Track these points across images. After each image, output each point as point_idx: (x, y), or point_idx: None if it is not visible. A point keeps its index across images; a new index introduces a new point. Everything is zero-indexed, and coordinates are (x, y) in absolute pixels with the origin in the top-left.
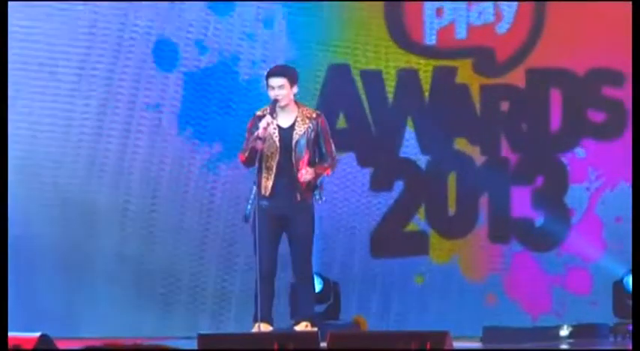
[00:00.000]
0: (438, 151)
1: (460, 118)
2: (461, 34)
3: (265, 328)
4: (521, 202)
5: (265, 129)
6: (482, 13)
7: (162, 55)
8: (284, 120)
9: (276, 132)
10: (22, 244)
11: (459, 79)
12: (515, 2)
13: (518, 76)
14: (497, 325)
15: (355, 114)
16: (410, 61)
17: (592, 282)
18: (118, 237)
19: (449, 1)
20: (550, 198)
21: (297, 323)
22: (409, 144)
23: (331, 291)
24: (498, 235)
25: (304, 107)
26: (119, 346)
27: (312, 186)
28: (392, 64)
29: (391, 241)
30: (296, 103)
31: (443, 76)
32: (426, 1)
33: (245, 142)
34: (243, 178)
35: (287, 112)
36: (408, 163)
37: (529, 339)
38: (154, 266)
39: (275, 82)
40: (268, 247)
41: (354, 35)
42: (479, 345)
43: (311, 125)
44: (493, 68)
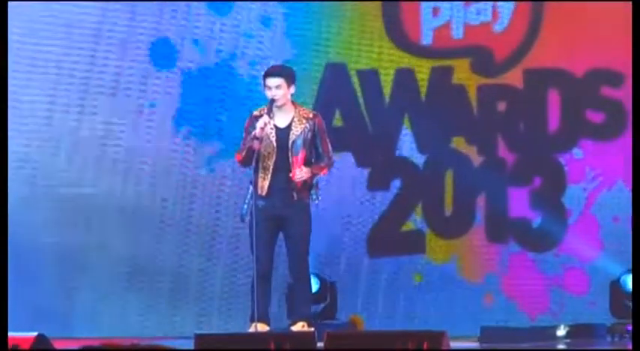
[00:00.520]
0: (435, 150)
1: (457, 118)
2: (458, 33)
3: (262, 328)
4: (518, 202)
5: (262, 129)
6: (479, 13)
7: (161, 54)
8: (281, 120)
9: (273, 132)
10: (19, 244)
11: (455, 79)
12: (512, 2)
13: (516, 76)
14: (494, 325)
15: (352, 113)
16: (407, 61)
17: (589, 282)
18: (114, 236)
19: (446, 0)
20: (548, 198)
21: (293, 323)
22: (406, 143)
23: (328, 291)
24: (496, 236)
25: (301, 107)
26: (116, 345)
27: (309, 186)
28: (389, 64)
29: (388, 240)
30: (293, 103)
31: (440, 76)
32: (423, 1)
33: (242, 142)
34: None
35: (284, 113)
36: (406, 162)
37: (526, 339)
38: (152, 266)
39: (272, 82)
40: (265, 246)
41: (351, 35)
42: (476, 345)
43: (308, 125)
44: (490, 68)
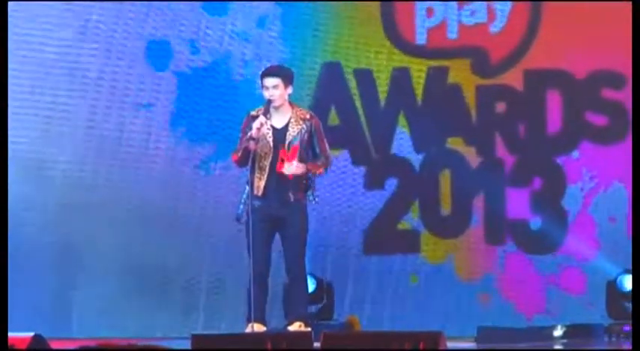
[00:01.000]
0: (431, 150)
1: (453, 118)
2: (452, 34)
3: (259, 328)
4: (517, 204)
5: (259, 129)
6: (473, 14)
7: (156, 54)
8: (278, 120)
9: (270, 132)
10: (16, 244)
11: (451, 79)
12: (509, 2)
13: (514, 77)
14: (491, 325)
15: (349, 112)
16: (404, 61)
17: (586, 282)
18: (111, 237)
19: (440, 0)
20: (547, 201)
21: (290, 323)
22: (402, 143)
23: (324, 291)
24: (494, 237)
25: (298, 108)
26: (113, 346)
27: (305, 186)
28: (387, 64)
29: (384, 239)
30: (290, 103)
31: (436, 76)
32: (418, 1)
33: (239, 142)
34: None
35: (281, 113)
36: (402, 161)
37: (523, 339)
38: (149, 266)
39: (269, 82)
40: (261, 247)
41: (348, 35)
42: (473, 345)
43: (304, 126)
44: (487, 68)
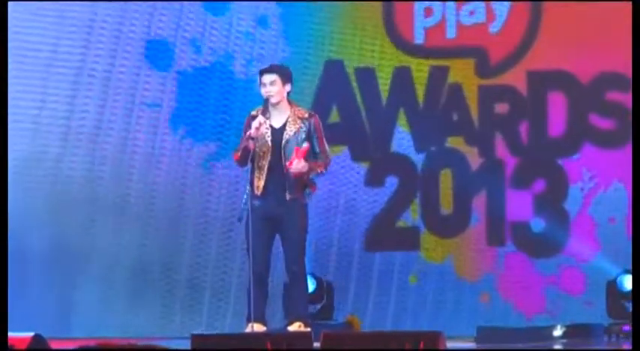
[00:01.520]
0: (431, 149)
1: (452, 118)
2: (451, 33)
3: (259, 328)
4: (518, 205)
5: (257, 129)
6: (472, 14)
7: (158, 54)
8: (276, 120)
9: (269, 132)
10: (15, 243)
11: (451, 79)
12: (508, 2)
13: (516, 78)
14: (491, 325)
15: (350, 110)
16: (404, 60)
17: (586, 282)
18: (113, 237)
19: (439, 0)
20: (548, 203)
21: (290, 323)
22: (402, 141)
23: (324, 291)
24: (494, 239)
25: (297, 107)
26: (113, 346)
27: (304, 185)
28: (387, 63)
29: (384, 237)
30: (289, 103)
31: (436, 76)
32: (417, 1)
33: (240, 141)
34: (238, 178)
35: (280, 112)
36: (402, 159)
37: (523, 339)
38: (151, 265)
39: (266, 78)
40: (261, 246)
41: (350, 34)
42: (473, 345)
43: (303, 125)
44: (486, 68)
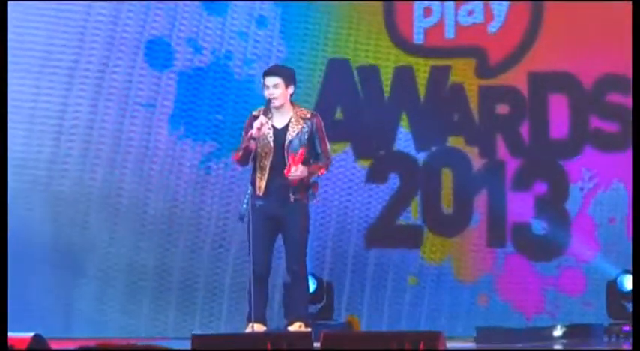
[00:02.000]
0: (433, 148)
1: (453, 118)
2: (450, 33)
3: (259, 328)
4: (519, 207)
5: (259, 129)
6: (470, 14)
7: (155, 54)
8: (279, 120)
9: (271, 132)
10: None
11: (452, 79)
12: (506, 2)
13: (516, 79)
14: (490, 325)
15: (353, 108)
16: (404, 60)
17: (585, 282)
18: (111, 237)
19: (438, 0)
20: (549, 205)
21: (290, 323)
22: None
23: (324, 291)
24: (495, 240)
25: (299, 108)
26: (113, 346)
27: (306, 186)
28: (387, 63)
29: (385, 234)
30: (292, 103)
31: (437, 76)
32: (416, 1)
33: (241, 141)
34: (233, 178)
35: (282, 113)
36: (404, 158)
37: (522, 339)
38: (148, 265)
39: (270, 80)
40: (262, 246)
41: (348, 34)
42: (472, 345)
43: (305, 126)
44: (485, 69)
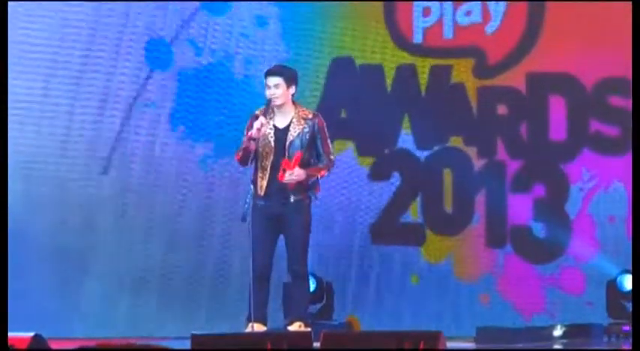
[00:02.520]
0: (434, 147)
1: (453, 118)
2: (448, 34)
3: (259, 328)
4: (519, 209)
5: (259, 130)
6: (468, 14)
7: (156, 54)
8: (280, 121)
9: (272, 132)
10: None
11: (453, 79)
12: (504, 2)
13: (515, 79)
14: (490, 325)
15: (356, 107)
16: (402, 60)
17: (585, 282)
18: (113, 236)
19: (437, 0)
20: (549, 207)
21: (290, 323)
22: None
23: (325, 291)
24: (495, 241)
25: (301, 108)
26: (113, 346)
27: (306, 186)
28: (388, 63)
29: (385, 235)
30: (294, 103)
31: (438, 76)
32: (415, 1)
33: (242, 141)
34: (236, 178)
35: (283, 113)
36: (405, 158)
37: (523, 339)
38: (149, 266)
39: (271, 80)
40: (263, 246)
41: (348, 34)
42: (472, 345)
43: (306, 126)
44: (485, 69)
